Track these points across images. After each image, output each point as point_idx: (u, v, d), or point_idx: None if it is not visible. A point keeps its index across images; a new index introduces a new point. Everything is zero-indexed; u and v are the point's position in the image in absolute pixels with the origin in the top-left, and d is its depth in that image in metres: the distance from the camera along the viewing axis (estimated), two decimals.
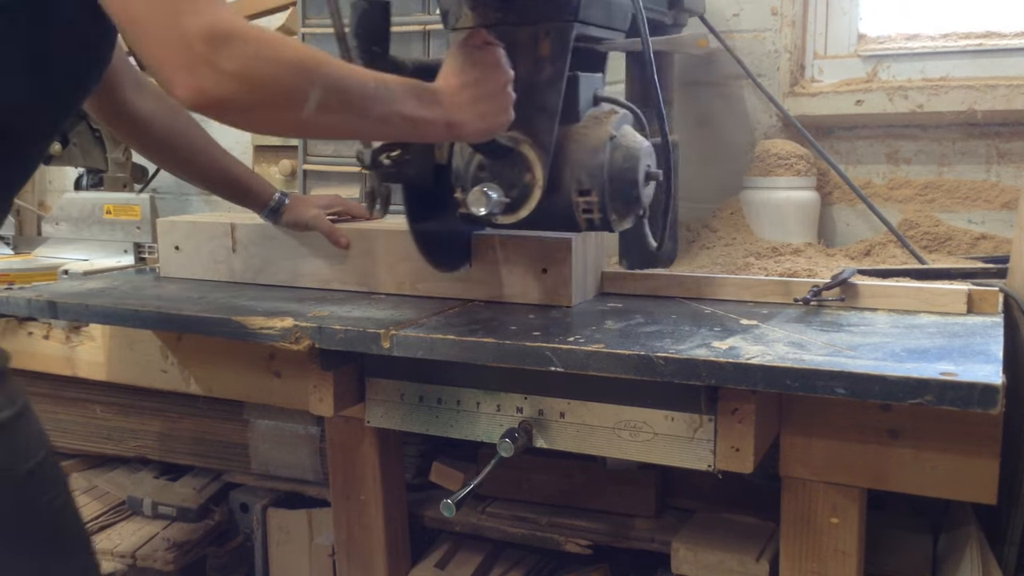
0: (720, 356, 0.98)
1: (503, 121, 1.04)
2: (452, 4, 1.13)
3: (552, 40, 1.07)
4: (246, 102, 0.80)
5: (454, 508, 1.16)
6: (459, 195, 1.17)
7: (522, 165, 1.11)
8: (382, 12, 1.08)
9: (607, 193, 1.11)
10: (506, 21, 1.10)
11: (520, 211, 1.13)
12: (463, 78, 1.00)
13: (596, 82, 1.20)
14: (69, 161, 2.12)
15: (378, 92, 0.90)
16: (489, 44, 1.03)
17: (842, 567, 1.11)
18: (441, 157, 1.19)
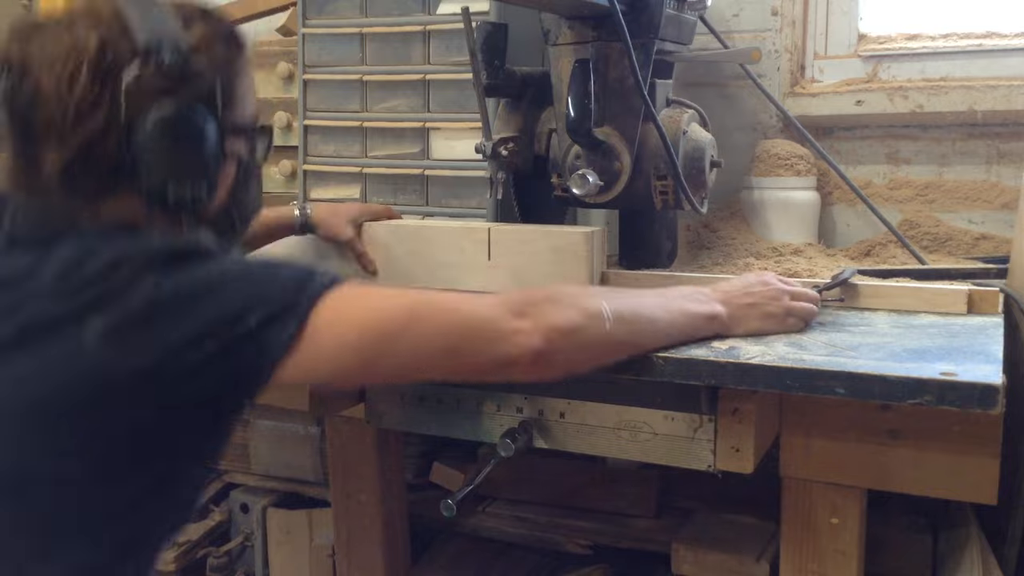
0: (720, 356, 0.98)
1: (774, 329, 1.11)
2: (553, 23, 1.34)
3: (637, 54, 1.24)
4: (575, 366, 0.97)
5: (454, 508, 1.16)
6: (555, 180, 1.40)
7: (612, 155, 1.32)
8: (502, 32, 1.36)
9: (680, 178, 1.30)
10: (600, 38, 1.30)
11: (610, 193, 1.34)
12: (745, 286, 1.13)
13: (668, 88, 1.43)
14: None
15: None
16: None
17: (842, 567, 1.11)
18: (540, 149, 1.42)
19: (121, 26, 0.91)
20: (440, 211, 1.64)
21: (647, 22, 1.29)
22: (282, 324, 0.85)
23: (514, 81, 1.41)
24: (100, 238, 0.88)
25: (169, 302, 0.83)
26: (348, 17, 1.68)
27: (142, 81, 0.90)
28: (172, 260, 0.86)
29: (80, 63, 0.89)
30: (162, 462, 0.91)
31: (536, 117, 1.44)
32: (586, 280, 1.28)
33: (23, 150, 0.92)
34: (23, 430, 0.86)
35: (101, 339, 0.82)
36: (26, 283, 0.87)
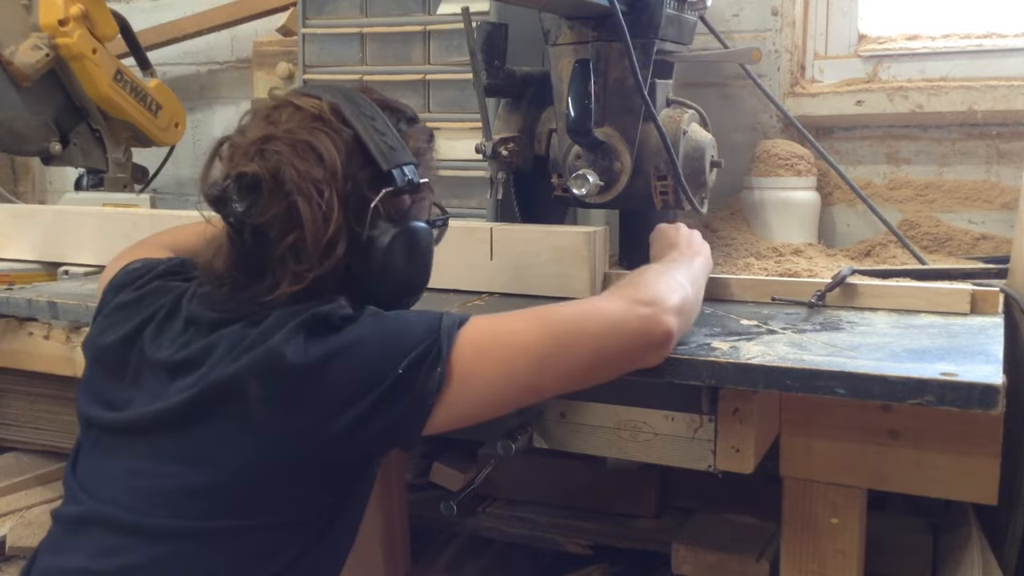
0: (720, 356, 0.98)
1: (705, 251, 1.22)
2: (552, 23, 1.33)
3: (638, 54, 1.23)
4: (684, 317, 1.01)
5: (454, 508, 1.16)
6: (555, 180, 1.40)
7: (612, 155, 1.32)
8: (502, 32, 1.36)
9: (680, 178, 1.30)
10: (600, 38, 1.29)
11: (609, 193, 1.33)
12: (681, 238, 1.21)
13: (668, 87, 1.42)
14: (69, 161, 2.12)
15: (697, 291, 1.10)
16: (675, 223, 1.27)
17: (842, 567, 1.10)
18: (540, 149, 1.42)
19: (363, 150, 0.95)
20: None
21: (647, 22, 1.29)
22: (429, 364, 0.89)
23: (514, 81, 1.41)
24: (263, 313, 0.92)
25: (318, 365, 0.87)
26: (348, 17, 1.68)
27: (383, 206, 0.95)
28: (318, 326, 0.89)
29: (332, 193, 0.92)
30: (324, 512, 0.95)
31: (536, 117, 1.44)
32: (588, 280, 1.28)
33: (249, 261, 0.94)
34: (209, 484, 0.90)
35: (261, 403, 0.87)
36: (206, 359, 0.91)
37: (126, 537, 0.90)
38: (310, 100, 0.97)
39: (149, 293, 1.04)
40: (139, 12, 2.39)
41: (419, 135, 1.04)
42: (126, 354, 0.99)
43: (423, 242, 1.01)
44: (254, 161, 0.92)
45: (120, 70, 2.07)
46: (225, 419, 0.89)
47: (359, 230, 0.94)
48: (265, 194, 0.91)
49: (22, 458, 2.06)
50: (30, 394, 2.04)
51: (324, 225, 0.91)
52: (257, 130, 0.95)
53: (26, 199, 2.70)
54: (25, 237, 1.76)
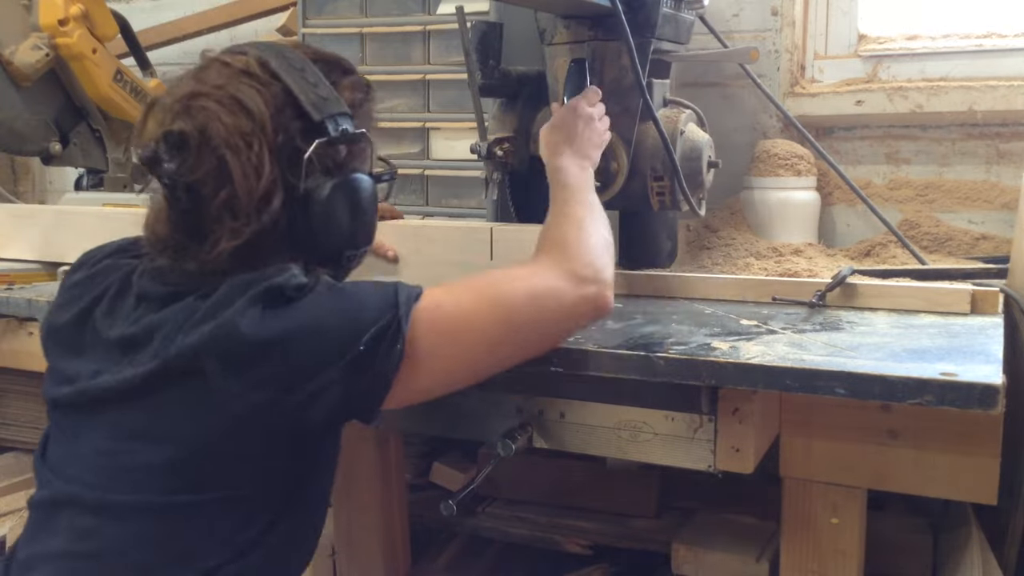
0: (720, 356, 0.98)
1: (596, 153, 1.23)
2: (548, 23, 1.32)
3: (629, 54, 1.22)
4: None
5: (454, 508, 1.16)
6: None
7: (609, 155, 1.30)
8: (497, 32, 1.36)
9: (679, 178, 1.30)
10: (596, 38, 1.29)
11: (606, 193, 1.32)
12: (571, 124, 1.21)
13: (665, 87, 1.42)
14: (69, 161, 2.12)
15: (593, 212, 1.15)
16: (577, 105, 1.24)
17: (842, 567, 1.10)
18: (535, 149, 1.36)
19: (293, 102, 0.94)
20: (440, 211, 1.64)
21: (644, 21, 1.28)
22: (389, 340, 0.89)
23: (509, 81, 1.40)
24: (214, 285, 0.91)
25: (276, 339, 0.87)
26: (348, 17, 1.68)
27: (318, 158, 0.95)
28: (273, 298, 0.88)
29: (262, 145, 0.91)
30: (290, 482, 0.95)
31: (532, 117, 1.43)
32: None
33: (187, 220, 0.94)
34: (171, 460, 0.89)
35: (218, 377, 0.87)
36: (157, 334, 0.90)
37: (95, 516, 0.90)
38: (237, 56, 0.96)
39: (100, 272, 1.03)
40: (139, 12, 2.39)
41: (355, 86, 1.03)
42: (79, 332, 0.99)
43: (363, 194, 1.00)
44: (180, 118, 0.92)
45: (120, 70, 2.07)
46: (182, 394, 0.89)
47: (295, 183, 0.94)
48: (194, 151, 0.91)
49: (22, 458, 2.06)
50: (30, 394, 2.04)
51: (256, 178, 0.90)
52: (184, 88, 0.94)
53: (26, 199, 2.70)
54: (25, 237, 1.76)
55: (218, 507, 0.90)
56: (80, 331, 0.99)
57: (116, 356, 0.93)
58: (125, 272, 1.00)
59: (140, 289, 0.96)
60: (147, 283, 0.96)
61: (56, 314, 1.03)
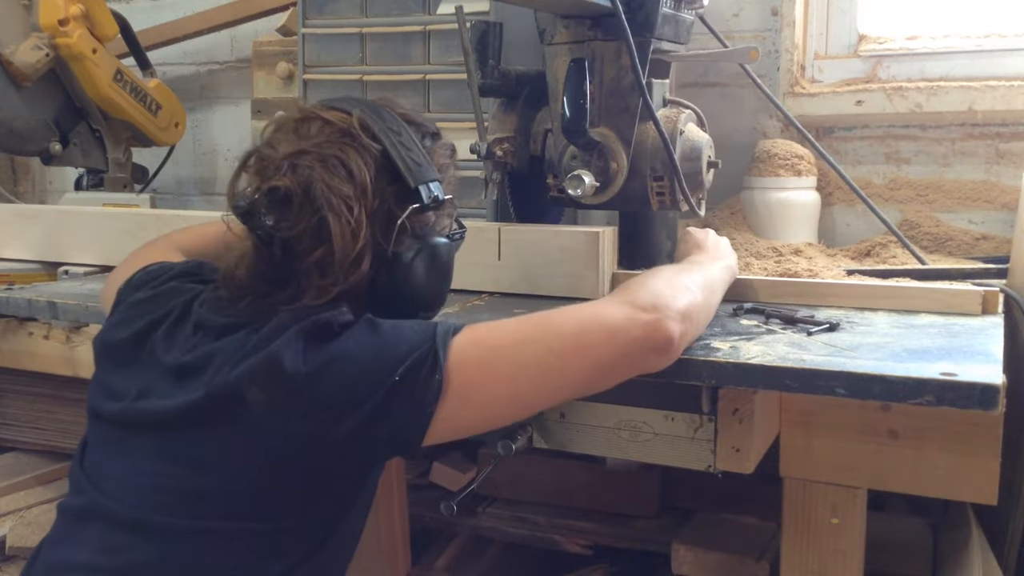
0: (720, 356, 0.98)
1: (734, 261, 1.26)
2: (548, 22, 1.32)
3: (630, 54, 1.21)
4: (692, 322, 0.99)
5: (454, 508, 1.16)
6: (551, 181, 1.38)
7: (608, 156, 1.31)
8: (497, 31, 1.36)
9: (680, 178, 1.29)
10: (596, 37, 1.28)
11: (606, 193, 1.32)
12: (708, 242, 1.26)
13: (665, 87, 1.41)
14: (69, 161, 2.12)
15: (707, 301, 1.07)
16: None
17: (842, 567, 1.10)
18: (535, 149, 1.41)
19: (390, 166, 0.96)
20: None
21: (643, 21, 1.27)
22: (426, 371, 0.88)
23: (509, 81, 1.40)
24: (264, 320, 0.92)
25: (314, 373, 0.87)
26: (348, 17, 1.68)
27: (409, 223, 0.96)
28: (317, 333, 0.89)
29: (361, 209, 0.92)
30: (325, 518, 0.95)
31: (532, 117, 1.43)
32: (595, 281, 1.28)
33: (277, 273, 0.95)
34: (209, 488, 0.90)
35: (259, 408, 0.87)
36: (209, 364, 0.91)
37: (127, 534, 0.90)
38: (339, 114, 0.97)
39: (163, 293, 1.04)
40: (139, 12, 2.39)
41: (442, 151, 1.06)
42: (136, 352, 0.99)
43: (444, 258, 1.02)
44: (286, 176, 0.92)
45: (120, 70, 2.07)
46: (226, 425, 0.89)
47: (385, 246, 0.95)
48: (295, 209, 0.92)
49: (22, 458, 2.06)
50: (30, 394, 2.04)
51: (352, 241, 0.91)
52: (288, 144, 0.95)
53: (26, 199, 2.70)
54: (25, 237, 1.76)
55: (250, 538, 0.91)
56: (137, 350, 0.99)
57: (169, 381, 0.94)
58: (188, 298, 1.01)
59: (199, 318, 0.97)
60: (206, 313, 0.97)
61: (114, 330, 1.03)
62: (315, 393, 0.87)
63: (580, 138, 1.27)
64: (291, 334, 0.88)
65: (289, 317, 0.90)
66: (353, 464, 0.92)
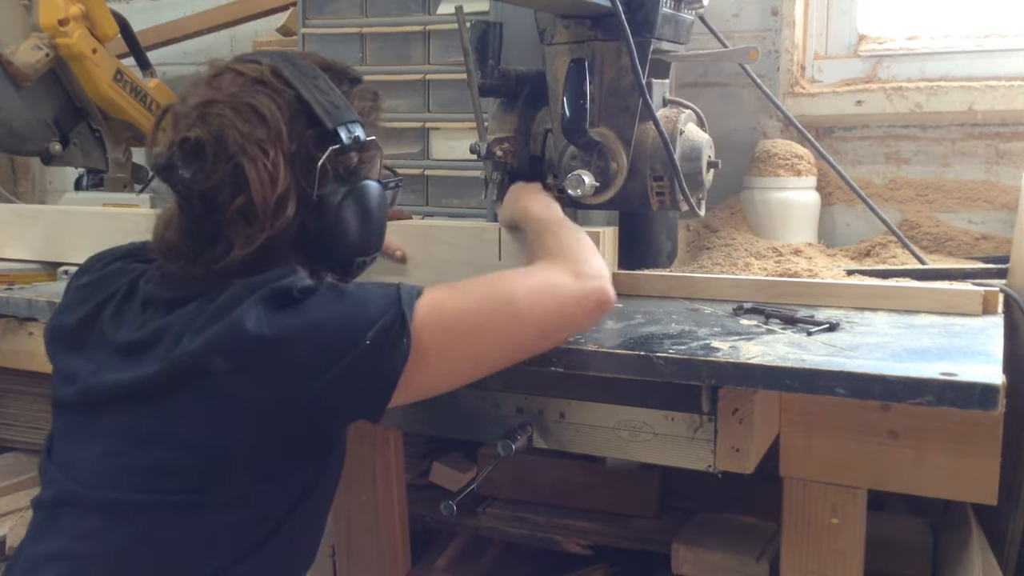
0: (720, 356, 0.98)
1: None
2: (548, 22, 1.33)
3: (630, 54, 1.22)
4: None
5: (454, 508, 1.16)
6: (551, 181, 1.39)
7: (608, 156, 1.31)
8: (496, 31, 1.37)
9: (680, 178, 1.30)
10: (596, 37, 1.29)
11: (606, 193, 1.33)
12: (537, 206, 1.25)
13: (665, 87, 1.43)
14: (69, 161, 2.12)
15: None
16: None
17: (842, 567, 1.11)
18: (535, 150, 1.41)
19: (307, 110, 0.95)
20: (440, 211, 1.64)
21: (643, 21, 1.28)
22: (395, 334, 0.89)
23: (509, 81, 1.40)
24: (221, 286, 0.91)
25: (282, 338, 0.87)
26: (348, 17, 1.68)
27: (331, 166, 0.96)
28: (278, 299, 0.88)
29: (277, 153, 0.92)
30: (295, 484, 0.95)
31: (532, 117, 1.43)
32: None
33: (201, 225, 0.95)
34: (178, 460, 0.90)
35: (225, 376, 0.87)
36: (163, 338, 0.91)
37: (100, 517, 0.90)
38: (250, 65, 0.97)
39: (108, 275, 1.04)
40: (139, 12, 2.39)
41: (363, 94, 1.05)
42: (85, 335, 0.99)
43: (375, 201, 1.01)
44: (196, 126, 0.92)
45: (120, 70, 2.07)
46: (190, 395, 0.89)
47: (308, 190, 0.95)
48: (210, 158, 0.91)
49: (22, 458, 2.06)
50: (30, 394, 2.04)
51: (271, 185, 0.91)
52: (198, 96, 0.95)
53: (26, 199, 2.70)
54: (25, 237, 1.76)
55: (223, 509, 0.91)
56: (85, 332, 0.99)
57: (119, 358, 0.94)
58: (133, 276, 1.01)
59: (146, 294, 0.97)
60: (153, 288, 0.97)
61: (61, 315, 1.03)
62: (281, 359, 0.87)
63: (580, 138, 1.28)
64: (251, 302, 0.87)
65: (243, 286, 0.89)
66: (321, 427, 0.93)
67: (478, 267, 1.34)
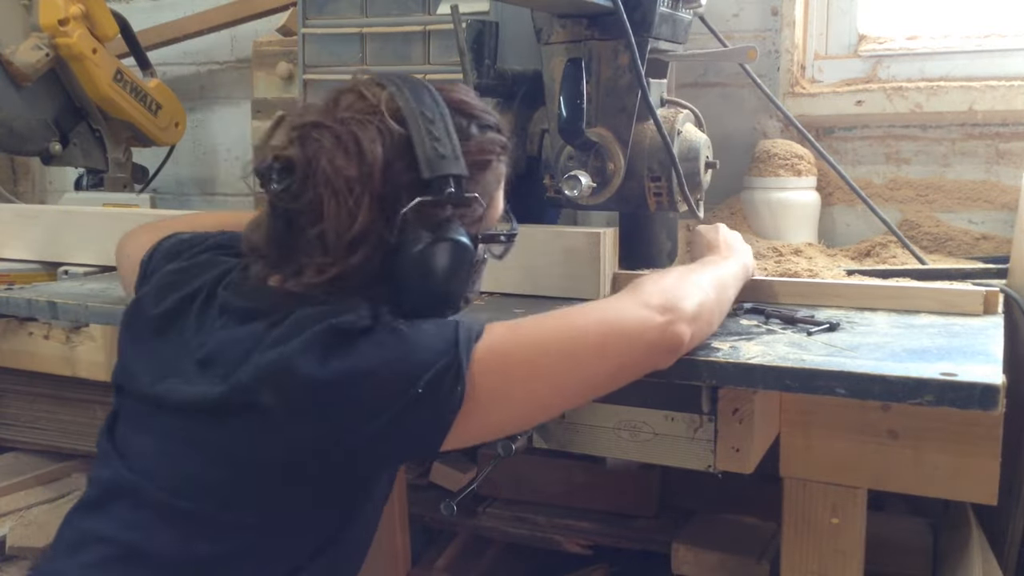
0: (720, 356, 0.98)
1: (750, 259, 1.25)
2: (545, 22, 1.32)
3: (631, 53, 1.21)
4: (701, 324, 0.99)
5: (454, 508, 1.16)
6: (547, 181, 1.37)
7: (605, 156, 1.30)
8: (493, 30, 1.37)
9: (680, 178, 1.29)
10: (593, 37, 1.27)
11: (603, 194, 1.31)
12: (719, 239, 1.23)
13: (662, 87, 1.41)
14: (69, 161, 2.12)
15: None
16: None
17: (842, 567, 1.11)
18: (532, 150, 1.40)
19: (407, 153, 0.92)
20: None
21: (640, 20, 1.27)
22: (449, 382, 0.86)
23: (505, 80, 1.39)
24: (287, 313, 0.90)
25: (333, 382, 0.85)
26: (348, 17, 1.68)
27: (420, 212, 0.92)
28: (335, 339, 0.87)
29: (363, 193, 0.90)
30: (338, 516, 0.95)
31: (528, 117, 1.43)
32: (596, 280, 1.28)
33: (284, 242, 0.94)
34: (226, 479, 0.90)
35: (274, 410, 0.86)
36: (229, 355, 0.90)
37: (151, 512, 0.91)
38: (375, 89, 0.95)
39: (197, 265, 1.04)
40: (139, 12, 2.39)
41: (485, 146, 1.00)
42: (165, 327, 0.99)
43: (457, 257, 0.95)
44: (294, 145, 0.91)
45: (120, 70, 2.07)
46: (242, 421, 0.88)
47: (387, 235, 0.92)
48: (298, 181, 0.90)
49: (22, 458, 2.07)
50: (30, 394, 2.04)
51: (348, 223, 0.89)
52: (313, 114, 0.94)
53: (26, 199, 2.70)
54: (25, 237, 1.76)
55: (256, 535, 0.91)
56: (165, 326, 0.99)
57: (193, 366, 0.93)
58: (219, 274, 1.00)
59: (223, 300, 0.96)
60: (230, 296, 0.96)
61: (144, 300, 1.03)
62: (331, 402, 0.86)
63: (577, 138, 1.27)
64: (308, 337, 0.86)
65: (304, 318, 0.88)
66: (365, 470, 0.92)
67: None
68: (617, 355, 0.93)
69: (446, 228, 0.94)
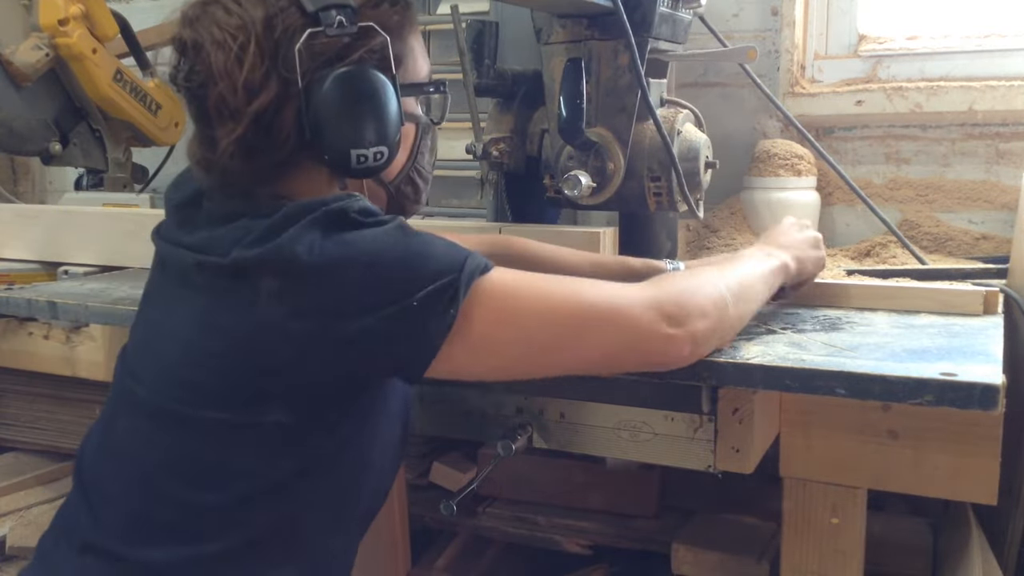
0: (720, 356, 0.98)
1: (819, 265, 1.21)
2: (544, 22, 1.32)
3: (631, 53, 1.21)
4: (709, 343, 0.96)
5: (454, 508, 1.16)
6: (547, 181, 1.37)
7: (605, 156, 1.30)
8: (493, 30, 1.37)
9: (680, 178, 1.29)
10: (593, 37, 1.28)
11: (603, 194, 1.31)
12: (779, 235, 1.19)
13: (662, 87, 1.42)
14: (69, 161, 2.12)
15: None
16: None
17: (842, 567, 1.11)
18: (532, 150, 1.40)
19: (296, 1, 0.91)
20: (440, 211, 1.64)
21: (640, 20, 1.26)
22: (443, 303, 0.84)
23: (505, 80, 1.39)
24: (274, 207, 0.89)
25: (332, 265, 0.84)
26: None
27: (313, 49, 0.90)
28: (335, 223, 0.86)
29: (248, 39, 0.89)
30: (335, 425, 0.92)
31: (528, 117, 1.43)
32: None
33: (201, 130, 0.94)
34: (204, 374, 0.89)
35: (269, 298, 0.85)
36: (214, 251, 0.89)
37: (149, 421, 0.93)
38: None
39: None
40: (139, 12, 2.38)
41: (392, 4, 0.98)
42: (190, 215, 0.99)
43: (367, 84, 0.93)
44: (184, 26, 0.94)
45: (120, 70, 2.07)
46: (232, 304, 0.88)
47: (290, 76, 0.90)
48: (191, 55, 0.92)
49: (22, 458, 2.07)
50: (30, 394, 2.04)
51: (237, 69, 0.88)
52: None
53: (26, 199, 2.70)
54: (25, 237, 1.76)
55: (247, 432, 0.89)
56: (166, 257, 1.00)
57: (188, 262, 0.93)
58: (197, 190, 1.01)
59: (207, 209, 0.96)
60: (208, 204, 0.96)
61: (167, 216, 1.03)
62: (329, 286, 0.84)
63: (576, 138, 1.27)
64: (304, 224, 0.85)
65: (297, 208, 0.87)
66: (354, 370, 0.89)
67: None
68: (613, 347, 0.91)
69: (349, 61, 0.92)
